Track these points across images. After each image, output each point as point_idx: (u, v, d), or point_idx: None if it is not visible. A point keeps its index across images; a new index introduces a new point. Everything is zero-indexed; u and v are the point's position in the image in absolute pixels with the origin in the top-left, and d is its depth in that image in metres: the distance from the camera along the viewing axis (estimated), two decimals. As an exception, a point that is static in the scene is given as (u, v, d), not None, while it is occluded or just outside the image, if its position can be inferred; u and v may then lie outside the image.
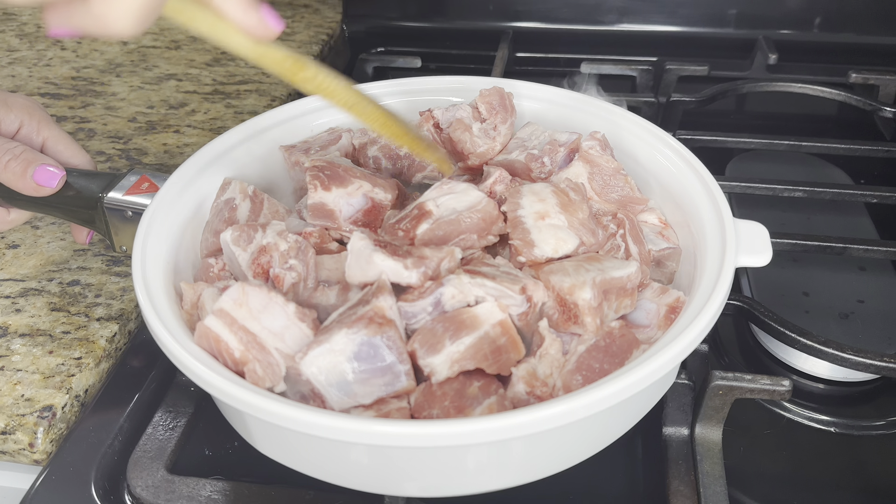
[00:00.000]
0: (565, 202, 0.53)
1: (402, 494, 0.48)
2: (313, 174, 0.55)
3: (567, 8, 1.05)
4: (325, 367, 0.44)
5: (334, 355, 0.44)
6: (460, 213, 0.53)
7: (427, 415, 0.45)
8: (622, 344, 0.47)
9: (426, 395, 0.46)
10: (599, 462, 0.48)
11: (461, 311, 0.47)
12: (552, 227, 0.51)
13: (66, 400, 0.56)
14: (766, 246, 0.52)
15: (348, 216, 0.55)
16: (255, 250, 0.50)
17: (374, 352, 0.45)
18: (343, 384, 0.44)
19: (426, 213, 0.52)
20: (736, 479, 0.52)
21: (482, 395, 0.45)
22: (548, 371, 0.47)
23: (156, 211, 0.54)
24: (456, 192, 0.54)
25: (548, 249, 0.50)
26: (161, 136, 0.87)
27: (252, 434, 0.48)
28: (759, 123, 0.97)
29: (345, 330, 0.45)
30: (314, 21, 1.12)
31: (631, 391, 0.42)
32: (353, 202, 0.55)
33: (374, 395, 0.45)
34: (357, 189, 0.55)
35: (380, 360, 0.45)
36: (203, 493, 0.50)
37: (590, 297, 0.47)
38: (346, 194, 0.55)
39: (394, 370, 0.45)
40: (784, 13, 1.01)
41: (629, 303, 0.50)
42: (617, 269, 0.49)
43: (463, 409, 0.45)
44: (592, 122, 0.64)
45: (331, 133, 0.64)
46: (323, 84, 0.46)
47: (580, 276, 0.48)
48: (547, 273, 0.49)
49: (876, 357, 0.55)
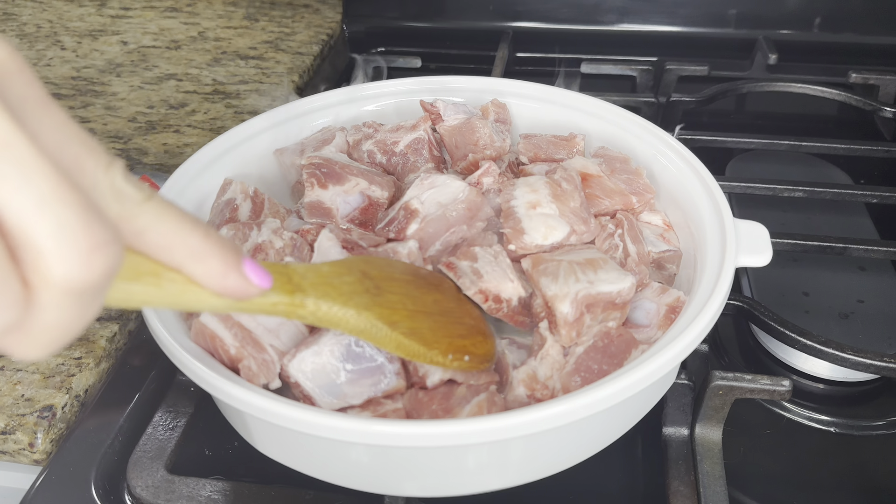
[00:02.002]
0: (557, 192, 0.54)
1: (402, 494, 0.48)
2: (309, 172, 0.55)
3: (567, 8, 1.05)
4: (313, 369, 0.44)
5: (322, 357, 0.44)
6: (445, 208, 0.53)
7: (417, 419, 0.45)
8: (620, 344, 0.47)
9: (413, 401, 0.46)
10: (599, 462, 0.48)
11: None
12: (543, 215, 0.52)
13: (66, 400, 0.56)
14: (767, 246, 0.52)
15: (345, 214, 0.55)
16: (250, 248, 0.50)
17: (362, 352, 0.45)
18: (332, 386, 0.44)
19: (412, 212, 0.53)
20: (736, 479, 0.52)
21: (470, 395, 0.45)
22: (548, 373, 0.47)
23: (156, 211, 0.54)
24: (438, 186, 0.54)
25: (537, 237, 0.51)
26: (161, 136, 0.87)
27: (252, 434, 0.48)
28: (759, 123, 0.97)
29: (331, 332, 0.45)
30: (314, 21, 1.12)
31: (630, 391, 0.42)
32: (350, 200, 0.55)
33: (363, 395, 0.45)
34: (354, 187, 0.55)
35: (368, 360, 0.45)
36: (203, 493, 0.50)
37: (567, 311, 0.47)
38: (343, 192, 0.55)
39: (383, 370, 0.45)
40: (784, 13, 1.01)
41: (618, 315, 0.49)
42: (609, 283, 0.48)
43: (450, 409, 0.45)
44: (592, 123, 0.64)
45: (324, 132, 0.63)
46: (326, 316, 0.39)
47: (565, 287, 0.47)
48: (539, 272, 0.49)
49: (876, 357, 0.55)
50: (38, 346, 0.28)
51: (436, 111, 0.63)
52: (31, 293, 0.26)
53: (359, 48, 1.08)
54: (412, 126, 0.61)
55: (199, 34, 1.08)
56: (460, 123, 0.61)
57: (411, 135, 0.61)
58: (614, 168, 0.59)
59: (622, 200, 0.57)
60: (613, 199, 0.57)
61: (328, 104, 0.67)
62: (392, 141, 0.61)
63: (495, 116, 0.64)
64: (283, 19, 1.12)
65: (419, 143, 0.61)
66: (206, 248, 0.31)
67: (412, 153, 0.61)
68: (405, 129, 0.61)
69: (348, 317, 0.40)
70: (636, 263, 0.53)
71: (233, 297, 0.33)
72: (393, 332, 0.42)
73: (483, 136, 0.60)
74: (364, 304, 0.41)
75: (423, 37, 1.09)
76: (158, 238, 0.30)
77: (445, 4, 1.08)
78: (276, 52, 1.04)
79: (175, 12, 1.14)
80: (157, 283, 0.31)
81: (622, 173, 0.58)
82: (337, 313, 0.40)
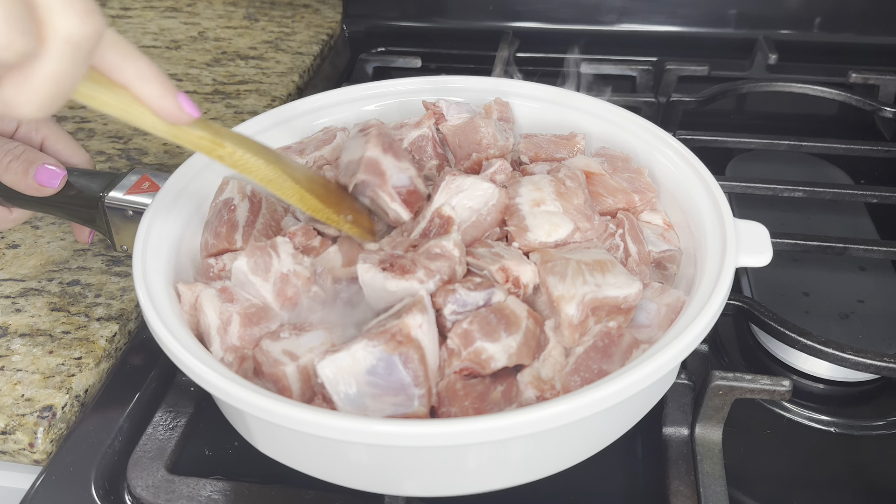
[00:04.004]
0: (562, 190, 0.54)
1: (402, 494, 0.48)
2: (377, 133, 0.54)
3: (567, 8, 1.05)
4: (340, 373, 0.44)
5: (351, 364, 0.44)
6: (479, 213, 0.53)
7: (445, 412, 0.45)
8: (621, 344, 0.47)
9: (449, 389, 0.45)
10: (599, 462, 0.48)
11: (503, 305, 0.48)
12: (547, 213, 0.52)
13: (66, 400, 0.56)
14: (767, 246, 0.52)
15: (396, 184, 0.54)
16: (276, 279, 0.50)
17: (389, 369, 0.44)
18: (355, 395, 0.44)
19: (447, 220, 0.53)
20: (736, 479, 0.52)
21: (504, 402, 0.45)
22: (550, 374, 0.47)
23: (157, 210, 0.54)
24: (466, 189, 0.54)
25: (541, 234, 0.52)
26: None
27: (252, 433, 0.48)
28: (759, 123, 0.97)
29: (365, 341, 0.44)
30: (314, 21, 1.12)
31: (630, 391, 0.42)
32: (401, 177, 0.54)
33: (384, 412, 0.44)
34: (407, 168, 0.54)
35: (394, 378, 0.44)
36: (203, 493, 0.50)
37: (573, 313, 0.47)
38: (398, 167, 0.54)
39: (407, 392, 0.44)
40: (784, 13, 1.01)
41: (623, 319, 0.49)
42: (617, 288, 0.48)
43: (482, 411, 0.44)
44: (592, 122, 0.64)
45: (325, 132, 0.63)
46: (241, 160, 0.46)
47: (572, 289, 0.47)
48: (547, 270, 0.49)
49: (876, 357, 0.55)
50: (36, 97, 0.35)
51: (439, 110, 0.63)
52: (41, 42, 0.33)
53: (359, 48, 1.08)
54: (416, 123, 0.61)
55: (199, 34, 1.08)
56: (463, 123, 0.61)
57: (415, 132, 0.61)
58: (616, 167, 0.59)
59: (625, 199, 0.57)
60: (616, 198, 0.57)
61: (329, 104, 0.67)
62: (397, 138, 0.60)
63: (498, 115, 0.64)
64: (283, 19, 1.12)
65: (423, 140, 0.61)
66: (151, 73, 0.40)
67: (416, 150, 0.61)
68: (409, 127, 0.61)
69: (259, 164, 0.47)
70: (637, 263, 0.53)
71: (167, 119, 0.41)
72: (296, 185, 0.49)
73: (486, 135, 0.60)
74: (273, 161, 0.48)
75: (423, 37, 1.09)
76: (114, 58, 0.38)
77: (445, 4, 1.08)
78: (276, 52, 1.04)
79: (175, 12, 1.14)
80: (113, 92, 0.40)
81: (624, 172, 0.58)
82: (250, 160, 0.47)
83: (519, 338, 0.46)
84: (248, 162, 0.46)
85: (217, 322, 0.48)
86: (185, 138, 0.43)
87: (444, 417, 0.45)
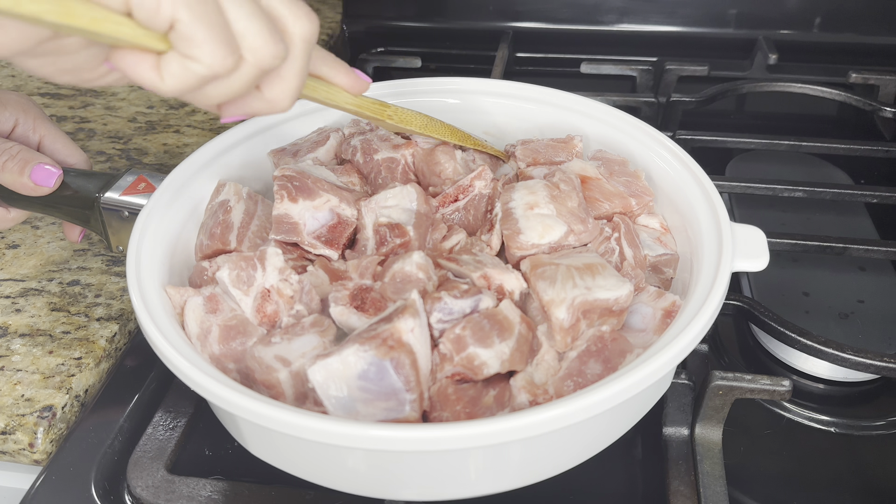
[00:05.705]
0: (555, 193, 0.54)
1: (401, 498, 0.47)
2: (280, 184, 0.54)
3: (567, 8, 1.05)
4: (331, 378, 0.43)
5: (342, 369, 0.43)
6: (417, 212, 0.55)
7: (437, 416, 0.45)
8: (614, 349, 0.47)
9: (440, 395, 0.45)
10: (599, 462, 0.48)
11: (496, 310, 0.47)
12: (540, 215, 0.52)
13: (66, 400, 0.56)
14: (763, 251, 0.51)
15: (312, 230, 0.54)
16: (257, 295, 0.49)
17: (381, 374, 0.43)
18: (346, 400, 0.43)
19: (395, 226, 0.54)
20: (736, 479, 0.52)
21: (496, 407, 0.45)
22: (543, 378, 0.46)
23: (151, 211, 0.54)
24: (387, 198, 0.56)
25: (534, 236, 0.51)
26: (161, 136, 0.87)
27: (245, 438, 0.48)
28: (759, 123, 0.97)
29: (356, 346, 0.43)
30: (314, 21, 1.12)
31: (623, 396, 0.42)
32: (318, 216, 0.54)
33: (375, 417, 0.44)
34: (324, 203, 0.54)
35: (386, 383, 0.43)
36: (203, 493, 0.50)
37: (563, 317, 0.47)
38: (313, 207, 0.54)
39: (399, 397, 0.44)
40: (784, 13, 1.01)
41: (615, 321, 0.49)
42: (607, 290, 0.48)
43: (474, 416, 0.44)
44: (589, 124, 0.64)
45: (319, 133, 0.63)
46: (404, 116, 0.57)
47: (562, 293, 0.47)
48: (537, 276, 0.49)
49: (876, 357, 0.55)
50: (291, 91, 0.42)
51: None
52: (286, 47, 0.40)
53: (359, 48, 1.08)
54: (395, 146, 0.60)
55: (199, 34, 1.08)
56: (428, 150, 0.61)
57: (390, 153, 0.60)
58: (613, 170, 0.59)
59: (621, 203, 0.57)
60: (612, 202, 0.57)
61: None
62: (374, 148, 0.60)
63: None
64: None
65: (393, 164, 0.60)
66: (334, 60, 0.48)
67: (385, 169, 0.60)
68: (390, 145, 0.61)
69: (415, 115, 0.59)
70: (632, 267, 0.53)
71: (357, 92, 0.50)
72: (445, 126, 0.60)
73: (447, 168, 0.59)
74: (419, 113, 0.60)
75: (423, 37, 1.09)
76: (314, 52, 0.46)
77: (445, 4, 1.08)
78: (276, 52, 1.04)
79: (175, 12, 1.14)
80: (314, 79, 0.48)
81: (621, 176, 0.58)
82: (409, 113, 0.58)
83: (512, 343, 0.46)
84: (408, 115, 0.57)
85: (197, 331, 0.48)
86: (365, 106, 0.53)
87: (436, 422, 0.44)
